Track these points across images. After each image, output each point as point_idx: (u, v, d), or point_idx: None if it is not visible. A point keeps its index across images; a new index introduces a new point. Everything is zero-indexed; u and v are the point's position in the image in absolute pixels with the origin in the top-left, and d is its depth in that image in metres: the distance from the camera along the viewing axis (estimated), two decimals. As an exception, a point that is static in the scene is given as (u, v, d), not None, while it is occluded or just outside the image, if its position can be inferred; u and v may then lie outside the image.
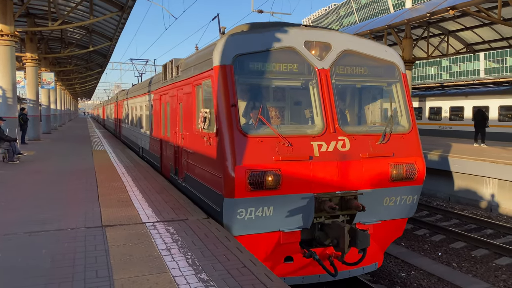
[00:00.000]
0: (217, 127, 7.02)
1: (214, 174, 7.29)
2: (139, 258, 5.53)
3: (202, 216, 7.79)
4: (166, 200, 9.13)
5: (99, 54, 36.21)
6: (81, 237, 6.45)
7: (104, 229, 6.89)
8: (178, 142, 10.28)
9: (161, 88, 12.84)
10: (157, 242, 6.21)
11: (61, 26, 21.87)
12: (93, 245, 6.07)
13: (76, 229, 6.87)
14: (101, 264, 5.31)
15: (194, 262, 5.42)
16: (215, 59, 7.21)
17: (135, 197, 9.44)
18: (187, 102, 9.28)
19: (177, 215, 7.84)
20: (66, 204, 8.63)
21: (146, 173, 13.14)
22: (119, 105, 27.62)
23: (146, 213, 8.01)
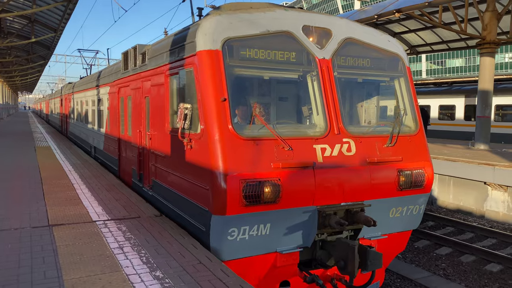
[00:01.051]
0: (202, 127, 5.85)
1: (198, 184, 6.05)
2: (90, 258, 5.36)
3: (154, 214, 7.66)
4: (116, 198, 8.88)
5: (42, 45, 34.35)
6: (26, 237, 6.13)
7: (51, 228, 6.60)
8: (143, 143, 8.95)
9: (120, 80, 11.24)
10: (109, 241, 6.03)
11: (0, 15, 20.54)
12: (40, 245, 5.80)
13: (21, 229, 6.53)
14: (49, 265, 5.09)
15: (149, 260, 5.33)
16: (200, 42, 5.97)
17: (84, 195, 9.11)
18: (157, 95, 7.94)
19: (129, 213, 7.66)
20: (8, 203, 8.16)
21: (95, 170, 12.69)
22: (66, 99, 26.19)
23: (96, 211, 7.75)
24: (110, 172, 12.51)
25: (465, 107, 26.02)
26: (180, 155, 6.68)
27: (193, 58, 6.13)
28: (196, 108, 6.07)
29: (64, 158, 15.49)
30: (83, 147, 19.25)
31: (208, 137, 5.72)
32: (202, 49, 5.93)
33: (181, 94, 6.73)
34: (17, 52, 39.50)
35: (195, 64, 6.06)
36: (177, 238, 6.25)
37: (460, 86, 27.21)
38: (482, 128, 18.86)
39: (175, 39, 7.09)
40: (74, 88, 22.72)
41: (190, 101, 6.31)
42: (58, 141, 22.83)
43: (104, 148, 13.96)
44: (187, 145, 6.29)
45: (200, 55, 5.94)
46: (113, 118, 12.23)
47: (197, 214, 6.20)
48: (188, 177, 6.40)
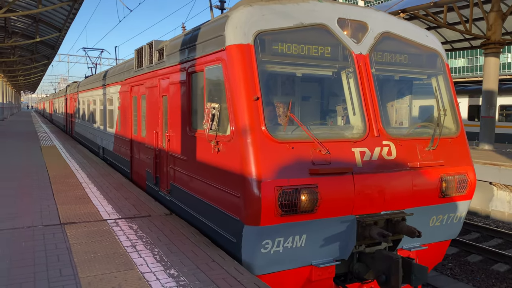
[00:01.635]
0: (232, 128, 5.39)
1: (227, 191, 5.61)
2: (104, 256, 5.40)
3: (165, 212, 7.71)
4: (125, 197, 8.93)
5: (46, 45, 34.44)
6: (39, 235, 6.18)
7: (63, 226, 6.65)
8: (160, 145, 8.54)
9: (132, 78, 10.76)
10: (121, 239, 6.08)
11: (5, 14, 20.62)
12: (53, 243, 5.85)
13: (33, 227, 6.58)
14: (64, 263, 5.13)
15: (162, 258, 5.37)
16: (229, 36, 5.50)
17: (93, 194, 9.16)
18: (176, 94, 7.48)
19: (139, 212, 7.70)
20: (19, 202, 8.21)
21: (102, 169, 12.74)
22: (71, 98, 26.10)
23: (106, 210, 7.80)
24: (122, 174, 12.10)
25: (468, 107, 26.00)
26: (204, 159, 6.27)
27: (221, 53, 5.68)
28: (225, 107, 5.60)
29: (70, 157, 15.56)
30: (90, 148, 18.87)
31: (239, 140, 5.27)
32: (232, 43, 5.48)
33: (207, 92, 6.24)
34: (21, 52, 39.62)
35: (224, 59, 5.59)
36: (189, 237, 6.28)
37: (464, 86, 27.19)
38: (487, 128, 18.86)
39: (199, 33, 6.65)
40: (79, 87, 22.41)
41: (217, 100, 5.89)
42: (63, 140, 22.91)
43: (114, 149, 13.51)
44: (214, 148, 5.87)
45: (230, 50, 5.48)
46: (125, 118, 11.81)
47: (225, 224, 5.73)
48: (215, 182, 5.95)
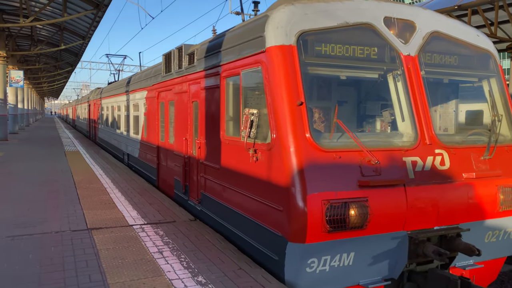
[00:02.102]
0: (273, 136, 5.00)
1: (268, 204, 5.20)
2: (131, 262, 5.41)
3: (189, 218, 7.71)
4: (150, 202, 8.98)
5: (70, 52, 35.26)
6: (67, 240, 6.25)
7: (91, 232, 6.71)
8: (190, 152, 8.26)
9: (160, 84, 10.52)
10: (148, 245, 6.09)
11: (32, 23, 21.19)
12: (81, 248, 5.90)
13: (61, 232, 6.66)
14: (93, 268, 5.16)
15: (189, 265, 5.35)
16: (270, 37, 5.14)
17: (118, 199, 9.24)
18: (208, 99, 7.15)
19: (164, 217, 7.72)
20: (46, 207, 8.35)
21: (125, 175, 12.88)
22: (94, 104, 26.48)
23: (132, 215, 7.85)
24: (148, 181, 11.93)
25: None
26: (240, 168, 5.91)
27: (261, 55, 5.32)
28: (265, 113, 5.22)
29: (94, 162, 15.79)
30: (114, 153, 18.92)
31: (281, 148, 4.87)
32: (273, 44, 5.10)
33: (243, 97, 5.89)
34: (46, 59, 40.65)
35: (263, 62, 5.24)
36: (215, 243, 6.26)
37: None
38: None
39: (234, 35, 6.35)
40: (103, 93, 22.69)
41: (256, 106, 5.52)
42: (86, 146, 23.29)
43: (140, 155, 13.26)
44: (252, 156, 5.49)
45: (271, 52, 5.11)
46: (151, 124, 11.59)
47: (265, 239, 5.32)
48: (253, 194, 5.57)
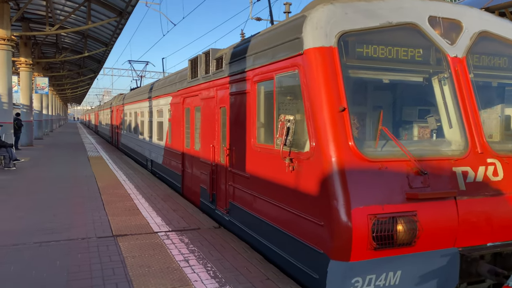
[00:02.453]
0: (313, 144, 4.66)
1: (306, 217, 4.84)
2: (158, 270, 5.36)
3: (213, 225, 7.63)
4: (173, 209, 8.95)
5: (93, 59, 35.93)
6: (93, 247, 6.24)
7: (116, 239, 6.69)
8: (218, 160, 8.00)
9: (185, 89, 10.35)
10: (174, 253, 6.03)
11: (58, 31, 21.63)
12: (108, 256, 5.88)
13: (87, 239, 6.66)
14: (120, 276, 5.12)
15: (216, 275, 5.26)
16: (308, 38, 4.84)
17: (141, 205, 9.25)
18: (238, 105, 6.89)
19: (188, 224, 7.67)
20: (71, 212, 8.40)
21: (148, 181, 12.93)
22: (118, 110, 26.73)
23: (156, 222, 7.83)
24: (173, 189, 11.72)
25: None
26: (274, 177, 5.60)
27: (297, 58, 5.02)
28: (303, 120, 4.92)
29: (117, 168, 15.93)
30: (137, 159, 18.89)
31: (322, 158, 4.52)
32: (311, 46, 4.79)
33: (277, 103, 5.60)
34: (69, 66, 41.51)
35: (301, 65, 4.94)
36: (240, 252, 6.16)
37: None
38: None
39: (266, 38, 6.07)
40: (126, 99, 22.88)
41: (292, 112, 5.23)
42: (109, 151, 23.57)
43: (164, 162, 13.09)
44: (288, 166, 5.15)
45: (309, 54, 4.80)
46: (176, 130, 11.43)
47: (303, 255, 4.95)
48: (288, 206, 5.23)
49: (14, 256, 5.77)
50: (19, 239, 6.58)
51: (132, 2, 18.19)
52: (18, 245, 6.28)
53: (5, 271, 5.22)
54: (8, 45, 17.86)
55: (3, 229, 7.13)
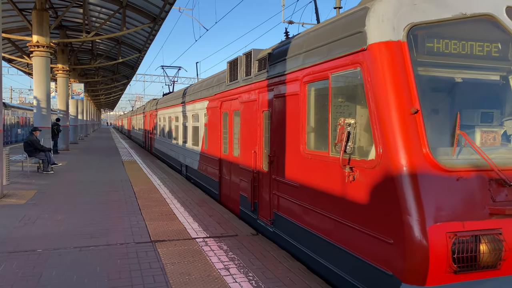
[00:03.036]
0: (380, 151, 4.13)
1: (371, 234, 4.29)
2: (198, 279, 5.21)
3: (251, 232, 7.45)
4: (210, 214, 8.83)
5: (126, 65, 36.67)
6: (132, 253, 6.17)
7: (154, 244, 6.61)
8: (260, 167, 7.58)
9: (223, 93, 10.01)
10: (213, 261, 5.88)
11: (94, 38, 22.14)
12: (147, 262, 5.78)
13: (126, 244, 6.61)
14: (161, 285, 5.00)
15: (259, 285, 5.06)
16: (372, 31, 4.36)
17: (177, 210, 9.18)
18: (284, 108, 6.43)
19: (225, 231, 7.52)
20: (109, 216, 8.41)
21: (183, 185, 12.91)
22: (151, 115, 26.98)
23: (193, 227, 7.72)
24: (208, 195, 11.56)
25: None
26: (329, 187, 5.08)
27: (360, 54, 4.52)
28: (367, 124, 4.42)
29: (151, 172, 16.03)
30: (171, 164, 18.82)
31: (391, 166, 4.00)
32: (377, 40, 4.30)
33: (333, 105, 5.06)
34: (104, 72, 42.55)
35: (363, 62, 4.44)
36: (282, 261, 5.94)
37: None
38: None
39: (319, 34, 5.55)
40: (159, 104, 23.00)
41: (352, 115, 4.72)
42: (143, 156, 23.86)
43: (200, 168, 12.80)
44: (348, 175, 4.61)
45: (375, 49, 4.30)
46: (213, 135, 11.10)
47: (366, 275, 4.41)
48: (348, 220, 4.69)
49: (55, 260, 5.76)
50: (60, 243, 6.59)
51: (166, 8, 18.37)
52: (59, 249, 6.29)
53: (48, 275, 5.20)
54: (47, 52, 18.36)
55: (45, 232, 7.19)
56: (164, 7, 18.30)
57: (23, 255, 5.97)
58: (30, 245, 6.44)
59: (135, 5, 19.78)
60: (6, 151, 11.87)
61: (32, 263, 5.66)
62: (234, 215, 8.80)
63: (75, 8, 21.98)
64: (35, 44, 18.12)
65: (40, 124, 18.07)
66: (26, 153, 15.03)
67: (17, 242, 6.59)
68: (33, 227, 7.58)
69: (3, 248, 6.27)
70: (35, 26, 18.25)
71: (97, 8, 21.85)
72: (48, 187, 12.12)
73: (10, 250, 6.18)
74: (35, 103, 18.47)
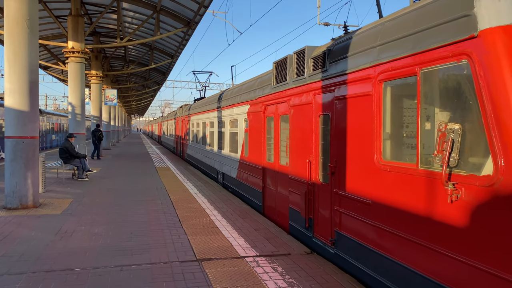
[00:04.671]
0: (501, 163, 3.30)
1: (491, 272, 3.39)
2: (257, 309, 4.53)
3: (305, 250, 6.72)
4: (255, 228, 8.16)
5: (158, 71, 36.69)
6: (178, 274, 5.55)
7: (201, 264, 5.97)
8: (316, 178, 6.79)
9: (268, 96, 9.32)
10: (270, 286, 5.18)
11: (127, 43, 22.00)
12: (196, 286, 5.14)
13: (170, 263, 6.00)
14: (215, 316, 4.35)
15: (329, 318, 4.34)
16: (485, 14, 3.53)
17: (219, 223, 8.55)
18: (351, 111, 5.62)
19: (276, 248, 6.82)
20: (148, 229, 7.86)
21: (220, 194, 12.30)
22: (183, 121, 26.64)
23: (239, 243, 7.05)
24: (249, 205, 10.78)
25: None
26: (418, 207, 4.22)
27: (466, 44, 3.68)
28: (475, 130, 3.62)
29: (186, 179, 15.54)
30: (204, 171, 18.20)
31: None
32: (493, 25, 3.47)
33: (423, 108, 4.27)
34: (135, 79, 42.82)
35: (473, 53, 3.59)
36: (347, 286, 5.19)
37: None
38: None
39: (402, 21, 4.73)
40: (192, 110, 22.55)
41: (453, 118, 3.88)
42: (175, 162, 23.50)
43: (239, 176, 12.02)
44: (451, 194, 3.74)
45: (490, 36, 3.46)
46: (255, 142, 10.38)
47: None
48: (449, 250, 3.81)
49: (96, 283, 5.18)
50: (99, 261, 6.05)
51: (200, 11, 17.96)
52: (99, 268, 5.73)
53: (87, 302, 4.64)
54: (82, 58, 18.27)
55: (82, 247, 6.68)
56: (198, 10, 17.89)
57: (60, 275, 5.44)
58: (67, 263, 5.92)
59: (169, 9, 19.48)
60: (42, 158, 11.59)
61: (70, 285, 5.11)
62: (281, 229, 8.10)
63: (109, 14, 21.94)
64: (70, 50, 18.04)
65: (75, 130, 17.94)
66: (61, 160, 14.81)
67: (53, 259, 6.09)
68: (70, 240, 7.10)
69: (39, 266, 5.77)
70: (70, 32, 18.18)
71: (130, 13, 21.73)
72: (84, 195, 11.75)
73: (47, 269, 5.67)
74: (70, 109, 18.37)
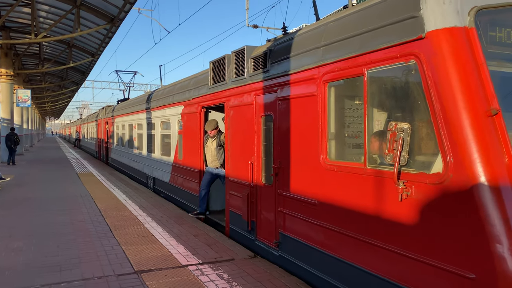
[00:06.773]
0: (450, 160, 3.35)
1: (440, 266, 3.42)
2: (208, 321, 4.28)
3: (248, 254, 6.58)
4: (194, 234, 7.84)
5: (77, 70, 34.44)
6: (116, 289, 5.11)
7: (140, 276, 5.56)
8: (259, 180, 6.61)
9: (204, 97, 8.92)
10: (218, 295, 4.95)
11: (41, 39, 20.32)
12: (138, 301, 4.76)
13: (105, 277, 5.51)
14: (163, 333, 4.03)
15: (283, 325, 4.22)
16: (431, 16, 3.60)
17: (155, 230, 8.11)
18: (294, 112, 5.57)
19: (219, 254, 6.59)
20: (76, 241, 7.21)
21: (152, 199, 11.74)
22: (106, 123, 25.16)
23: (179, 251, 6.72)
24: (186, 211, 10.06)
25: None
26: (366, 206, 4.23)
27: (414, 45, 3.72)
28: (423, 129, 3.67)
29: (112, 185, 14.66)
30: (134, 177, 17.03)
31: (466, 182, 3.23)
32: (439, 27, 3.53)
33: (369, 107, 4.26)
34: (51, 79, 39.84)
35: (421, 54, 3.64)
36: (296, 290, 5.13)
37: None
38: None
39: (348, 22, 4.70)
40: (116, 111, 21.35)
41: (400, 118, 3.89)
42: (98, 167, 22.16)
43: (173, 180, 11.51)
44: (402, 192, 3.75)
45: (436, 38, 3.53)
46: (190, 144, 9.92)
47: None
48: (402, 248, 3.80)
49: (20, 306, 4.59)
50: (22, 280, 5.37)
51: (125, 8, 17.09)
52: (22, 289, 5.09)
53: (12, 330, 4.06)
54: (-10, 54, 16.49)
55: (1, 266, 5.91)
56: (123, 7, 17.01)
57: (-24, 300, 4.75)
58: (-17, 285, 5.19)
59: (91, 5, 18.30)
60: None
61: (-10, 311, 4.47)
62: (221, 234, 7.88)
63: (20, 8, 20.09)
64: (-24, 45, 16.21)
65: (-18, 135, 16.13)
66: (-33, 168, 13.21)
67: (-34, 282, 5.31)
68: (-16, 259, 6.26)
69: None
70: (-25, 25, 16.34)
71: (45, 7, 20.08)
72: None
73: (-42, 294, 4.92)
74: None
